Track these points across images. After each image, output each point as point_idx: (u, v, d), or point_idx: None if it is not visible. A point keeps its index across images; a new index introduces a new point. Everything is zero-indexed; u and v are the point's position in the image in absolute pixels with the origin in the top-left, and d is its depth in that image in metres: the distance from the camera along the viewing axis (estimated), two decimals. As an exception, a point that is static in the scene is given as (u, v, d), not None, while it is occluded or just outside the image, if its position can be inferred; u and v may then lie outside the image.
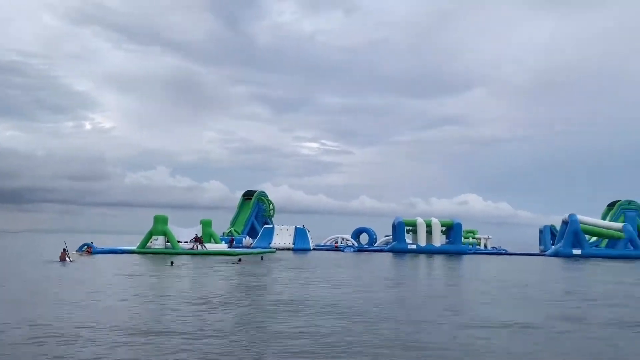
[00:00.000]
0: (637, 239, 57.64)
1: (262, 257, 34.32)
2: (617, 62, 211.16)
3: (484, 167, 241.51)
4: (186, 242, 45.04)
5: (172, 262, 29.78)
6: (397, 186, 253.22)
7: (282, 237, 59.21)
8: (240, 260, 31.40)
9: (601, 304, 16.11)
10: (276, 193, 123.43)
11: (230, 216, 74.58)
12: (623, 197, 70.69)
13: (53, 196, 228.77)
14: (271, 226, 62.81)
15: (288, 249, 56.64)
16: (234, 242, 57.07)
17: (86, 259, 34.20)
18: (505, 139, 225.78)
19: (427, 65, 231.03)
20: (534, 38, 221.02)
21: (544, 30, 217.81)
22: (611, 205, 71.44)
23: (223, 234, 64.58)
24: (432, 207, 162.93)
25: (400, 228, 58.84)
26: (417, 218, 60.36)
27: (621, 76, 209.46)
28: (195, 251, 42.37)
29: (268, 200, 76.27)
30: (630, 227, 58.01)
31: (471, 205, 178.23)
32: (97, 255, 38.22)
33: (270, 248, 54.80)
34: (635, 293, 20.02)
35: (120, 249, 42.50)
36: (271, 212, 75.86)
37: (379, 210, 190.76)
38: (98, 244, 45.32)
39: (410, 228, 60.45)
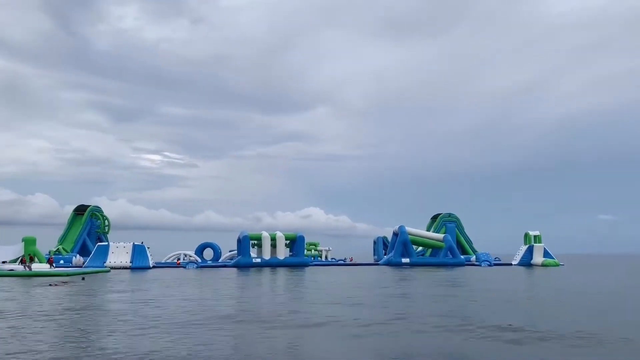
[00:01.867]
0: (455, 248, 64.94)
1: (83, 278, 31.59)
2: (442, 87, 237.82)
3: (325, 182, 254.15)
4: (4, 262, 40.40)
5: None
6: (243, 200, 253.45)
7: (119, 255, 55.49)
8: (83, 279, 28.75)
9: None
10: (113, 208, 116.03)
11: (59, 233, 68.66)
12: (444, 210, 79.34)
13: None
14: (105, 243, 58.61)
15: (125, 268, 53.35)
16: (56, 262, 51.98)
17: None
18: (344, 155, 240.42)
19: (272, 82, 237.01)
20: (372, 63, 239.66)
21: (380, 57, 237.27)
22: (434, 218, 79.62)
23: (50, 252, 59.32)
24: (277, 221, 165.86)
25: (245, 242, 59.02)
26: (262, 232, 61.11)
27: (445, 99, 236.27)
28: (19, 272, 37.97)
29: (103, 215, 71.74)
30: (449, 238, 65.13)
31: (314, 219, 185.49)
32: None
33: (105, 267, 51.17)
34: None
35: None
36: (106, 228, 71.48)
37: (225, 225, 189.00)
38: None
39: (256, 242, 61.06)
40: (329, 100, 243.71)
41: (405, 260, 60.99)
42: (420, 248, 68.81)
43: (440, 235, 65.77)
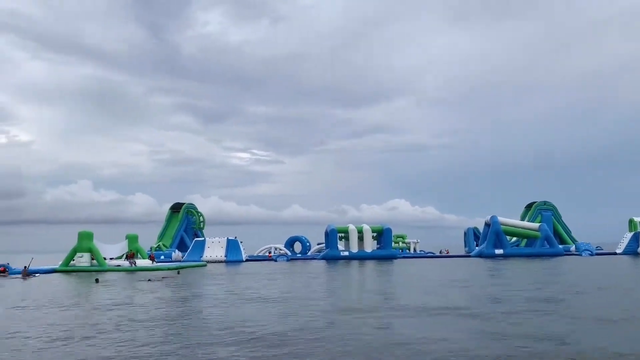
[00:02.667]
0: (552, 237, 61.72)
1: (178, 272, 33.02)
2: (531, 71, 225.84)
3: (410, 173, 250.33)
4: (112, 258, 43.57)
5: (97, 280, 29.01)
6: (328, 194, 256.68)
7: (214, 249, 58.27)
8: (149, 280, 29.40)
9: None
10: (206, 205, 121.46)
11: (159, 230, 72.87)
12: (539, 199, 75.57)
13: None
14: (202, 239, 61.66)
15: (220, 262, 55.88)
16: (157, 258, 55.19)
17: (2, 280, 32.13)
18: (429, 145, 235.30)
19: (352, 75, 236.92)
20: (452, 50, 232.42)
21: (460, 42, 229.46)
22: (528, 207, 76.15)
23: (151, 248, 62.93)
24: (362, 214, 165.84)
25: (332, 235, 59.66)
26: (349, 225, 61.48)
27: (535, 83, 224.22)
28: (127, 268, 40.87)
29: (197, 212, 75.05)
30: (546, 227, 62.01)
31: (400, 211, 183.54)
32: (13, 277, 35.98)
33: (202, 261, 53.84)
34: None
35: (42, 269, 40.17)
36: (201, 224, 74.65)
37: (311, 219, 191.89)
38: (15, 265, 42.59)
39: (343, 235, 61.55)
40: (410, 89, 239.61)
41: (499, 251, 58.91)
42: (514, 239, 66.20)
43: (536, 225, 62.82)
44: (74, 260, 41.54)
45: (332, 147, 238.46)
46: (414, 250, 78.68)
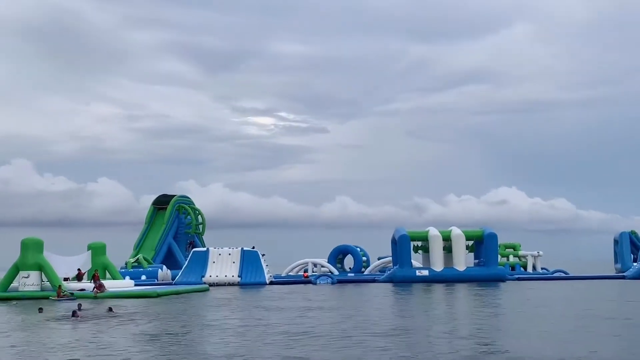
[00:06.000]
0: None
1: (110, 309, 31.04)
2: None
3: (528, 147, 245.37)
4: (66, 279, 44.51)
5: (40, 309, 29.73)
6: (395, 180, 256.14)
7: (222, 266, 58.41)
8: (110, 309, 29.90)
9: None
10: (206, 197, 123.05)
11: (135, 235, 74.23)
12: None
13: None
14: (203, 249, 62.07)
15: (232, 284, 56.13)
16: (136, 277, 56.02)
17: None
18: (559, 102, 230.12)
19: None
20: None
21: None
22: None
23: (126, 264, 63.81)
24: (450, 211, 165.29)
25: (403, 245, 59.11)
26: (428, 228, 61.08)
27: None
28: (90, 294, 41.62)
29: (194, 208, 75.86)
30: None
31: (511, 206, 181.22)
32: None
33: (203, 283, 54.21)
34: None
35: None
36: (199, 227, 75.54)
37: (369, 219, 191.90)
38: None
39: (420, 244, 61.12)
40: (530, 13, 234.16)
41: (672, 269, 57.11)
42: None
43: None
44: (15, 282, 42.53)
45: (403, 107, 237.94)
46: (533, 267, 77.43)
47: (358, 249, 68.79)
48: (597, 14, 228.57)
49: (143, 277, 59.30)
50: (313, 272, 65.53)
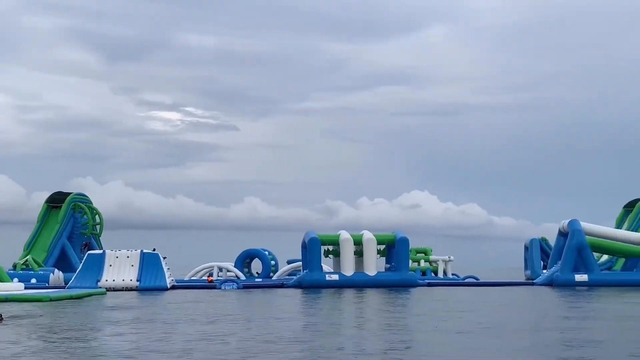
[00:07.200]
0: (665, 255, 60.78)
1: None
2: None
3: (442, 150, 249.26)
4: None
5: None
6: (307, 181, 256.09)
7: (120, 269, 56.91)
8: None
9: None
10: (105, 196, 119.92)
11: (26, 235, 72.09)
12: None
13: None
14: (100, 251, 60.36)
15: (130, 289, 54.59)
16: (26, 280, 53.69)
17: None
18: (474, 106, 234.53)
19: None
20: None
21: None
22: (630, 206, 75.67)
23: (14, 266, 61.82)
24: (363, 214, 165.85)
25: (313, 248, 58.49)
26: (339, 232, 60.60)
27: None
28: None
29: (91, 207, 74.48)
30: (655, 239, 61.11)
31: (423, 210, 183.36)
32: None
33: (99, 288, 52.47)
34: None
35: None
36: (97, 227, 74.11)
37: (280, 221, 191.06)
38: None
39: (330, 248, 60.50)
40: (449, 16, 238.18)
41: (581, 277, 57.91)
42: (604, 257, 65.32)
43: (641, 235, 62.04)
44: None
45: (317, 106, 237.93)
46: (444, 273, 78.39)
47: (267, 253, 68.11)
48: (515, 20, 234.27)
49: (33, 280, 57.03)
50: (219, 276, 65.09)
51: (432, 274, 77.41)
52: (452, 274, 78.99)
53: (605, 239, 61.20)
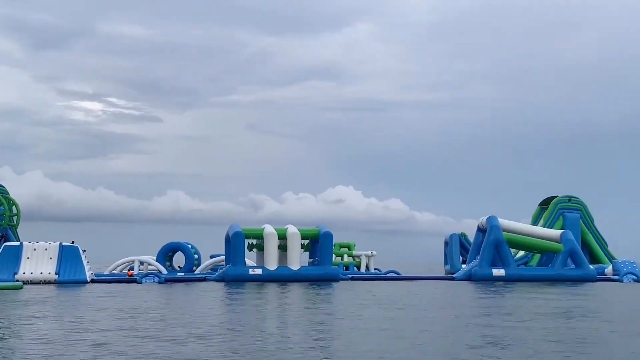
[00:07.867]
0: (580, 252, 62.78)
1: None
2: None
3: (366, 146, 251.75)
4: None
5: None
6: (232, 175, 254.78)
7: (37, 262, 55.76)
8: None
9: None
10: (23, 187, 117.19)
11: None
12: (562, 192, 77.14)
13: None
14: (16, 243, 58.99)
15: (49, 282, 53.69)
16: None
17: None
18: (398, 102, 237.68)
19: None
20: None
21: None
22: (545, 203, 77.67)
23: None
24: (287, 208, 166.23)
25: (237, 242, 58.45)
26: (264, 226, 60.71)
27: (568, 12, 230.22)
28: None
29: (7, 198, 72.59)
30: (570, 236, 62.99)
31: (347, 205, 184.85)
32: None
33: (15, 281, 51.32)
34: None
35: None
36: (13, 218, 72.43)
37: (203, 214, 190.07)
38: None
39: (254, 242, 60.75)
40: (376, 12, 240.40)
41: (499, 272, 59.58)
42: (521, 252, 67.12)
43: (557, 232, 64.15)
44: None
45: (244, 99, 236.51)
46: (367, 267, 79.05)
47: (189, 246, 67.69)
48: (441, 18, 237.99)
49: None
50: (140, 270, 64.33)
51: (355, 269, 77.88)
52: (375, 269, 79.75)
53: (521, 235, 63.33)
